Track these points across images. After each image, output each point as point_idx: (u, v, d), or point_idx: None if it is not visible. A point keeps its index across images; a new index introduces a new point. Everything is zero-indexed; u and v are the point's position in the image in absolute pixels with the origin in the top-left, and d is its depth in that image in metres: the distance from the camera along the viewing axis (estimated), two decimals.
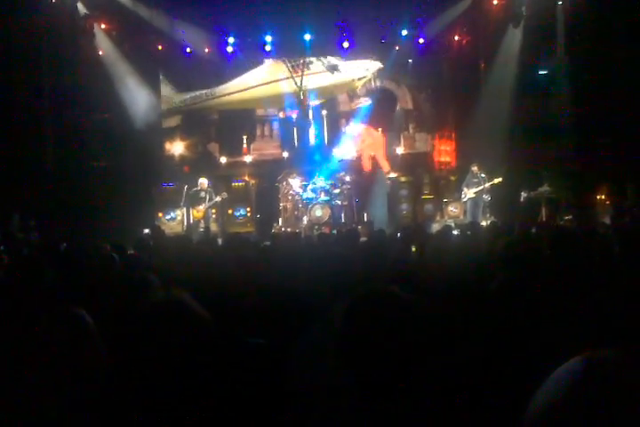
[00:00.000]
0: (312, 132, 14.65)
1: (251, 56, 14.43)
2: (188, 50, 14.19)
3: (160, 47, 13.95)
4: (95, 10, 12.78)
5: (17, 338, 2.18)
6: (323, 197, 12.98)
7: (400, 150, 14.86)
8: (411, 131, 15.21)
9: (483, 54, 14.38)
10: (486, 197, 13.03)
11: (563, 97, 13.14)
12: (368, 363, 1.41)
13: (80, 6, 12.57)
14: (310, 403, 1.98)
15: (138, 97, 13.62)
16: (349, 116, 15.10)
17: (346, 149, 14.23)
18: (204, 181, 12.52)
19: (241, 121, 14.98)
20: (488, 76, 14.07)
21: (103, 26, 13.13)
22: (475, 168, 12.87)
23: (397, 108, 15.22)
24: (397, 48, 14.52)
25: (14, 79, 11.68)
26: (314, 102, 14.64)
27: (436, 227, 12.12)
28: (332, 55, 14.50)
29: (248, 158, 14.76)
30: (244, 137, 14.89)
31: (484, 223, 10.97)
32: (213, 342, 1.66)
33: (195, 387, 1.57)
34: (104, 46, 13.26)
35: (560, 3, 12.91)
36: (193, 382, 1.58)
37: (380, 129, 14.59)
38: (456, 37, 14.46)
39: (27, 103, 12.16)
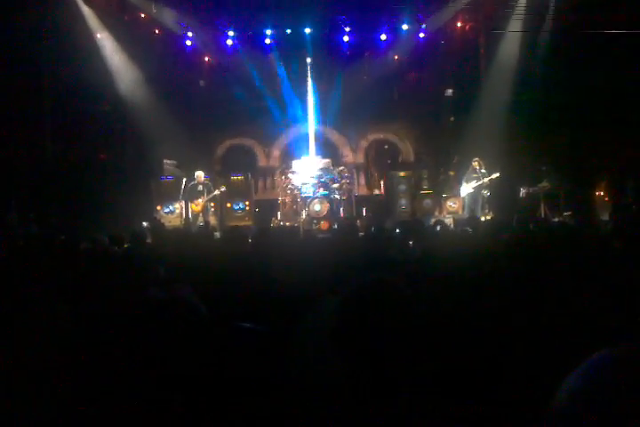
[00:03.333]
0: None
1: (250, 50, 14.39)
2: (187, 42, 14.17)
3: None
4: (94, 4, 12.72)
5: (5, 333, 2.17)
6: (322, 191, 12.98)
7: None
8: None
9: (483, 47, 14.34)
10: (485, 193, 13.02)
11: (563, 92, 13.11)
12: (362, 353, 1.40)
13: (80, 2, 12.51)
14: (307, 390, 1.98)
15: (136, 90, 13.58)
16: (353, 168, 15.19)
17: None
18: (200, 174, 12.51)
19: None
20: (488, 70, 14.04)
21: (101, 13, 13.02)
22: (475, 163, 12.86)
23: (400, 160, 15.12)
24: (398, 42, 14.50)
25: (13, 71, 11.62)
26: None
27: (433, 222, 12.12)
28: (332, 50, 14.39)
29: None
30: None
31: (482, 219, 10.96)
32: (211, 339, 1.65)
33: (191, 378, 1.56)
34: (103, 38, 13.18)
35: None
36: (188, 375, 1.57)
37: None
38: (456, 31, 14.37)
39: (25, 95, 12.11)
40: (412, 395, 1.38)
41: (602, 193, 13.17)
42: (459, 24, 14.24)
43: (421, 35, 14.37)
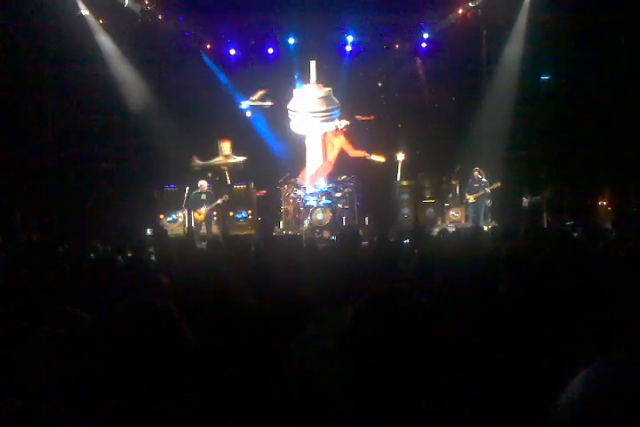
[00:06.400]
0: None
1: (253, 59, 14.45)
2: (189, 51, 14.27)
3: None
4: (95, 9, 12.73)
5: (14, 338, 2.17)
6: (324, 200, 12.99)
7: (401, 157, 14.24)
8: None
9: (485, 58, 14.38)
10: (488, 202, 13.03)
11: (564, 101, 13.15)
12: (375, 360, 1.40)
13: (81, 5, 12.49)
14: (304, 400, 1.97)
15: (140, 98, 13.62)
16: None
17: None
18: (203, 184, 12.58)
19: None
20: (490, 81, 14.07)
21: (101, 21, 13.02)
22: (476, 173, 12.89)
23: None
24: (400, 52, 14.57)
25: (16, 78, 11.67)
26: None
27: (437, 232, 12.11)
28: (334, 58, 14.41)
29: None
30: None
31: (485, 228, 10.95)
32: (190, 351, 1.63)
33: (181, 388, 1.55)
34: (105, 44, 13.20)
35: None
36: (175, 383, 1.56)
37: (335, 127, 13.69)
38: (459, 39, 14.36)
39: (29, 103, 12.16)
40: (418, 401, 1.37)
41: (604, 202, 13.16)
42: (461, 32, 14.24)
43: (423, 44, 14.47)
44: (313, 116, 13.53)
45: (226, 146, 13.86)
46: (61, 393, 1.82)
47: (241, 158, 13.91)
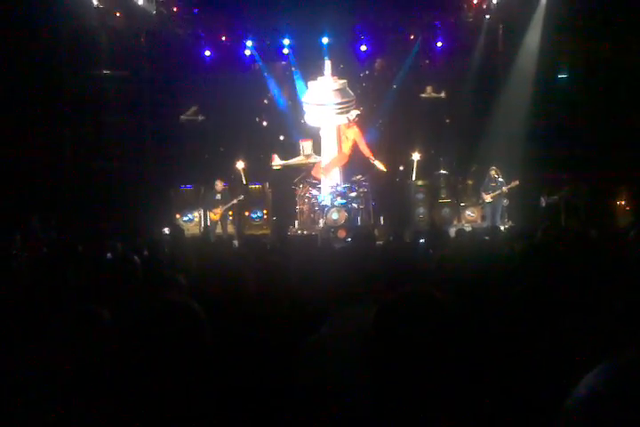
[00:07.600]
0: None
1: (268, 59, 14.49)
2: (206, 53, 14.33)
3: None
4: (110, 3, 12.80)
5: (35, 335, 2.21)
6: (339, 200, 12.99)
7: (416, 156, 13.98)
8: None
9: (501, 58, 14.27)
10: (505, 202, 12.94)
11: (581, 100, 13.00)
12: (398, 363, 1.40)
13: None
14: (315, 400, 1.98)
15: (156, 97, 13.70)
16: None
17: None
18: (219, 183, 12.63)
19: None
20: (506, 80, 13.96)
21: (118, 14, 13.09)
22: (492, 172, 12.81)
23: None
24: (415, 52, 14.52)
25: (32, 79, 11.77)
26: None
27: (453, 231, 12.04)
28: (349, 58, 14.42)
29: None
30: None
31: (502, 228, 10.88)
32: (210, 344, 1.64)
33: (198, 385, 1.55)
34: (125, 40, 13.23)
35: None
36: (195, 381, 1.57)
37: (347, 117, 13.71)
38: (474, 37, 14.26)
39: (45, 104, 12.27)
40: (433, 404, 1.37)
41: (623, 202, 13.00)
42: (477, 29, 14.12)
43: (439, 44, 14.40)
44: (328, 109, 13.57)
45: (307, 145, 13.83)
46: (75, 390, 1.84)
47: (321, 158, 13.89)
